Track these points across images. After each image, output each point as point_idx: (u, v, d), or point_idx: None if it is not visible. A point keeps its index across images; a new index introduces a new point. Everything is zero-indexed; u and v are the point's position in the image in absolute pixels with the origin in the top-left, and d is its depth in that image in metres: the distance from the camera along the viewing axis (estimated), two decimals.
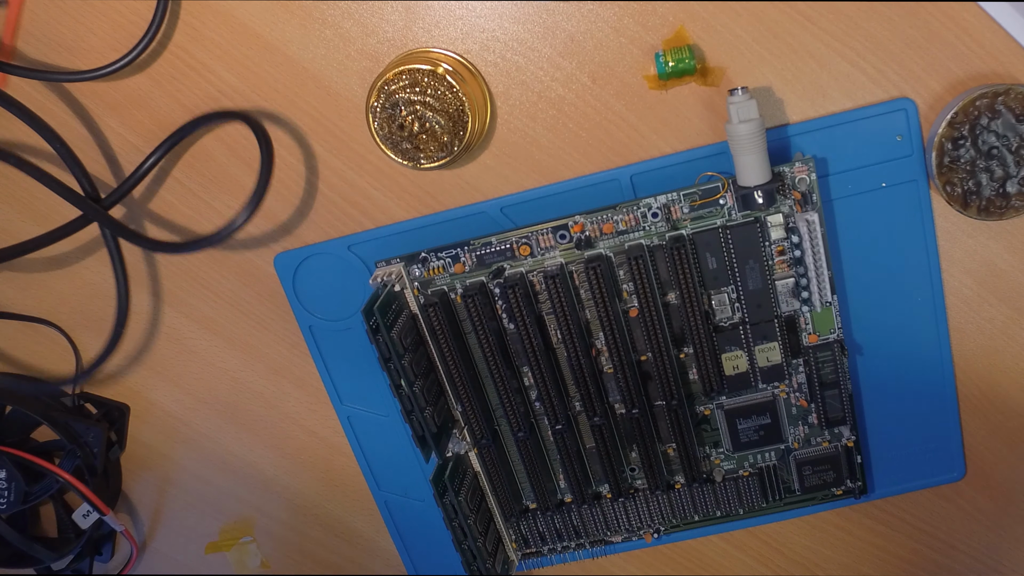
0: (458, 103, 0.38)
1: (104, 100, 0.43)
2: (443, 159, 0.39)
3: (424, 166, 0.39)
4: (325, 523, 0.52)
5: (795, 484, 0.45)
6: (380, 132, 0.39)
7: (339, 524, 0.52)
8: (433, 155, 0.39)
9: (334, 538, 0.52)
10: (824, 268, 0.40)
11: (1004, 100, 0.37)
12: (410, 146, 0.38)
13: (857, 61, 0.39)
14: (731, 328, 0.41)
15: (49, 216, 0.45)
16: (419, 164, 0.39)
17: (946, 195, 0.39)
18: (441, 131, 0.38)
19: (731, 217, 0.40)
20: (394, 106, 0.38)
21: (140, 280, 0.46)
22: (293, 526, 0.52)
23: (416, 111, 0.38)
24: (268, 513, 0.52)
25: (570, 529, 0.47)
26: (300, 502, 0.51)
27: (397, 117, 0.38)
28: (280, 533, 0.52)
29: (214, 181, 0.44)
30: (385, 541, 0.51)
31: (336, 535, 0.52)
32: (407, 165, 0.39)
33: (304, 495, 0.51)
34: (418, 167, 0.39)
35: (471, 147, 0.40)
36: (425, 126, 0.38)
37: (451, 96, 0.38)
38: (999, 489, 0.47)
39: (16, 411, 0.47)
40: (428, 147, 0.38)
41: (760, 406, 0.43)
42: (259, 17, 0.40)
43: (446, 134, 0.38)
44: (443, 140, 0.38)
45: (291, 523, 0.52)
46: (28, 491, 0.47)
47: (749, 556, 0.50)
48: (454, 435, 0.45)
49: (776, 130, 0.40)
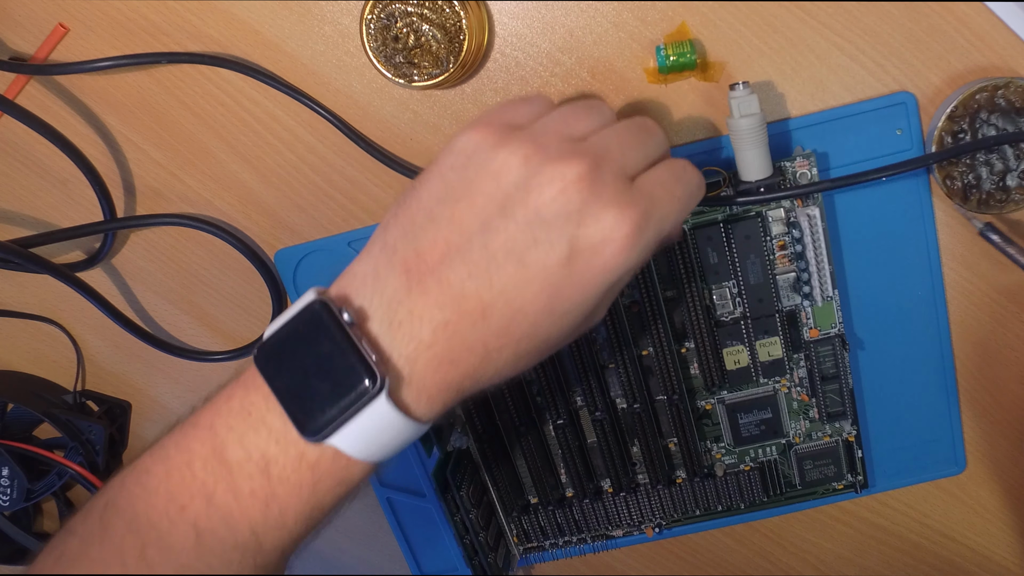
0: (455, 18, 0.37)
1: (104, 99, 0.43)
2: (438, 76, 0.38)
3: (417, 84, 0.38)
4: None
5: (796, 478, 0.45)
6: (373, 44, 0.38)
7: (341, 520, 0.52)
8: (428, 71, 0.38)
9: (336, 534, 0.52)
10: (825, 262, 0.40)
11: (1004, 93, 0.37)
12: (403, 60, 0.38)
13: (857, 55, 0.39)
14: (732, 323, 0.42)
15: (49, 215, 0.46)
16: (412, 81, 0.38)
17: (946, 189, 0.39)
18: (437, 45, 0.37)
19: (732, 211, 0.40)
20: (389, 16, 0.37)
21: (142, 277, 0.47)
22: None
23: (412, 23, 0.37)
24: None
25: (572, 523, 0.47)
26: None
27: (392, 28, 0.37)
28: None
29: (214, 179, 0.44)
30: (387, 536, 0.51)
31: (338, 531, 0.52)
32: (401, 83, 0.38)
33: None
34: (411, 85, 0.38)
35: (467, 66, 0.39)
36: (420, 40, 0.37)
37: (448, 10, 0.37)
38: (999, 482, 0.47)
39: (18, 409, 0.47)
40: (423, 62, 0.37)
41: (761, 401, 0.43)
42: (258, 14, 0.40)
43: (442, 48, 0.37)
44: (439, 55, 0.37)
45: None
46: (31, 488, 0.47)
47: (750, 550, 0.50)
48: (456, 430, 0.45)
49: (777, 124, 0.40)
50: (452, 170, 0.28)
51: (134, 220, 0.45)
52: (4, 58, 0.42)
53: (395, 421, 0.27)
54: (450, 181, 0.28)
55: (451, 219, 0.27)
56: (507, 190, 0.27)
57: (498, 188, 0.27)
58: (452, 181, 0.28)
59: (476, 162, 0.28)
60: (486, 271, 0.27)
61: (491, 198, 0.27)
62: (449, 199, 0.28)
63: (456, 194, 0.28)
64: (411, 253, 0.27)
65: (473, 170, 0.28)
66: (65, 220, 0.46)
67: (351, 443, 0.27)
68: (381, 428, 0.27)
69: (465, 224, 0.27)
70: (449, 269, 0.27)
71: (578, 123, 0.30)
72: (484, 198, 0.27)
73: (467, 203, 0.27)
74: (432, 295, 0.27)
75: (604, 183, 0.27)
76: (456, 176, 0.28)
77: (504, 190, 0.27)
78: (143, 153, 0.44)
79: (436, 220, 0.28)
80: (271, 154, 0.43)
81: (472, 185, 0.28)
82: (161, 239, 0.46)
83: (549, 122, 0.30)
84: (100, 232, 0.44)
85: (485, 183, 0.27)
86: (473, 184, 0.28)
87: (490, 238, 0.27)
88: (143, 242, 0.46)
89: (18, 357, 0.50)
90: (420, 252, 0.27)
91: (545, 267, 0.27)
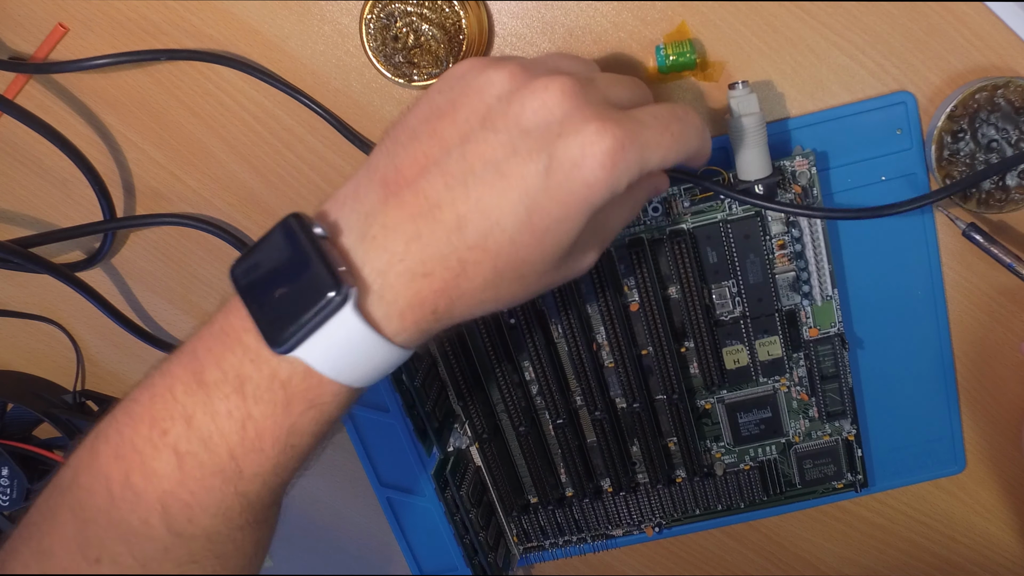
0: (455, 18, 0.37)
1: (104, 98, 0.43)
2: (438, 76, 0.38)
3: (417, 83, 0.38)
4: (327, 519, 0.52)
5: (796, 478, 0.45)
6: (373, 44, 0.38)
7: (341, 520, 0.52)
8: (427, 71, 0.38)
9: (336, 534, 0.52)
10: (824, 262, 0.40)
11: (1003, 93, 0.37)
12: (403, 60, 0.38)
13: (856, 55, 0.39)
14: (732, 322, 0.42)
15: (49, 215, 0.46)
16: (412, 81, 0.38)
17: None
18: (436, 44, 0.37)
19: (732, 211, 0.40)
20: (389, 16, 0.37)
21: (142, 277, 0.47)
22: (295, 522, 0.52)
23: (411, 23, 0.37)
24: None
25: (571, 523, 0.47)
26: (302, 498, 0.51)
27: (392, 28, 0.37)
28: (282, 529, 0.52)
29: (214, 179, 0.44)
30: (387, 536, 0.51)
31: (338, 531, 0.52)
32: (401, 83, 0.38)
33: (306, 491, 0.51)
34: (411, 84, 0.38)
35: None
36: (420, 39, 0.37)
37: (448, 10, 0.37)
38: (999, 482, 0.47)
39: (18, 409, 0.47)
40: (422, 62, 0.37)
41: (761, 400, 0.43)
42: (257, 14, 0.40)
43: (441, 47, 0.37)
44: (438, 54, 0.37)
45: (293, 519, 0.52)
46: (31, 488, 0.47)
47: (750, 549, 0.50)
48: (456, 430, 0.45)
49: (776, 124, 0.40)
50: (439, 93, 0.28)
51: (134, 220, 0.45)
52: (4, 58, 0.42)
53: (364, 336, 0.26)
54: (436, 102, 0.28)
55: (432, 134, 0.27)
56: (490, 103, 0.27)
57: (481, 102, 0.27)
58: (438, 102, 0.28)
59: (463, 82, 0.28)
60: (463, 182, 0.26)
61: (474, 111, 0.27)
62: (432, 117, 0.28)
63: (440, 112, 0.28)
64: (391, 169, 0.27)
65: (459, 89, 0.28)
66: (65, 220, 0.46)
67: (318, 357, 0.27)
68: (349, 342, 0.27)
69: (446, 137, 0.27)
70: (426, 181, 0.27)
71: (569, 63, 0.30)
72: (467, 111, 0.27)
73: (450, 118, 0.27)
74: (407, 207, 0.27)
75: (589, 100, 0.27)
76: (443, 98, 0.28)
77: (487, 103, 0.27)
78: (143, 153, 0.44)
79: (418, 137, 0.27)
80: (271, 154, 0.43)
81: (456, 102, 0.27)
82: (161, 239, 0.46)
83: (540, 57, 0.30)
84: (100, 232, 0.44)
85: (469, 98, 0.27)
86: (457, 101, 0.27)
87: (469, 149, 0.26)
88: (143, 242, 0.46)
89: (18, 357, 0.50)
90: (399, 167, 0.27)
91: (523, 177, 0.26)
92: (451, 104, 0.28)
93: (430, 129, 0.27)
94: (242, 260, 0.28)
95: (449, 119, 0.27)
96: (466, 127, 0.27)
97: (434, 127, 0.27)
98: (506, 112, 0.27)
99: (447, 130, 0.27)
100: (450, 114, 0.27)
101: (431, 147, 0.27)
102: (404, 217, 0.27)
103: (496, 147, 0.26)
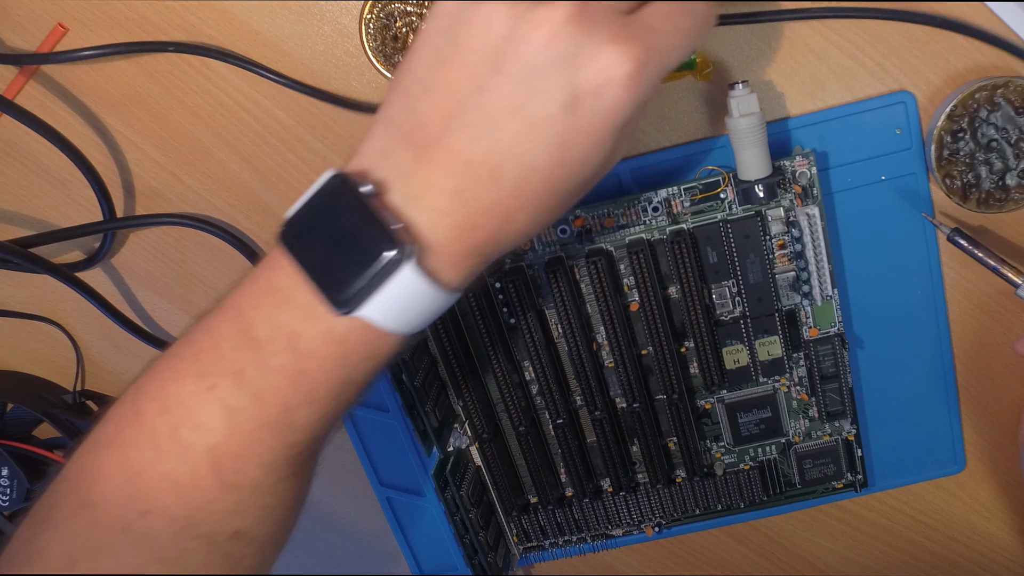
0: None
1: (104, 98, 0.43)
2: None
3: None
4: (327, 519, 0.52)
5: (796, 477, 0.45)
6: (373, 44, 0.38)
7: (341, 519, 0.52)
8: None
9: (336, 534, 0.52)
10: (825, 262, 0.40)
11: (1003, 93, 0.37)
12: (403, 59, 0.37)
13: (856, 54, 0.39)
14: (732, 322, 0.42)
15: (49, 215, 0.46)
16: None
17: (945, 188, 0.39)
18: None
19: (732, 211, 0.40)
20: (388, 16, 0.37)
21: (142, 277, 0.47)
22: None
23: (411, 22, 0.37)
24: None
25: (571, 523, 0.47)
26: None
27: (391, 28, 0.37)
28: None
29: (214, 179, 0.44)
30: (387, 536, 0.51)
31: (338, 531, 0.52)
32: None
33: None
34: None
35: None
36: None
37: None
38: (999, 482, 0.47)
39: (18, 409, 0.47)
40: None
41: (761, 400, 0.43)
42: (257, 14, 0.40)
43: None
44: None
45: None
46: (31, 488, 0.47)
47: (750, 549, 0.50)
48: (455, 429, 0.45)
49: (776, 124, 0.40)
50: (438, 33, 0.27)
51: (134, 220, 0.45)
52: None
53: (423, 288, 0.27)
54: (437, 45, 0.27)
55: (444, 85, 0.27)
56: (495, 44, 0.26)
57: (486, 44, 0.26)
58: (439, 45, 0.27)
59: (460, 20, 0.27)
60: (488, 132, 0.26)
61: (481, 55, 0.26)
62: (439, 64, 0.27)
63: (445, 58, 0.27)
64: (413, 125, 0.27)
65: (458, 29, 0.27)
66: (64, 220, 0.46)
67: (381, 313, 0.27)
68: (410, 296, 0.27)
69: (459, 88, 0.26)
70: (451, 136, 0.26)
71: None
72: (474, 56, 0.26)
73: (458, 65, 0.27)
74: (440, 164, 0.27)
75: (596, 20, 0.26)
76: (443, 39, 0.27)
77: (492, 44, 0.26)
78: (143, 153, 0.44)
79: (430, 88, 0.27)
80: (271, 154, 0.43)
81: (459, 46, 0.27)
82: (161, 239, 0.46)
83: None
84: (99, 232, 0.44)
85: (472, 41, 0.26)
86: (460, 44, 0.27)
87: (486, 98, 0.26)
88: (143, 242, 0.46)
89: (18, 357, 0.50)
90: (420, 123, 0.27)
91: (548, 119, 0.26)
92: (453, 47, 0.27)
93: (440, 80, 0.27)
94: (291, 222, 0.28)
95: (457, 66, 0.27)
96: (477, 74, 0.26)
97: (444, 77, 0.27)
98: (515, 52, 0.26)
99: (458, 79, 0.26)
100: (457, 60, 0.27)
101: (446, 100, 0.27)
102: (441, 174, 0.27)
103: (513, 92, 0.26)
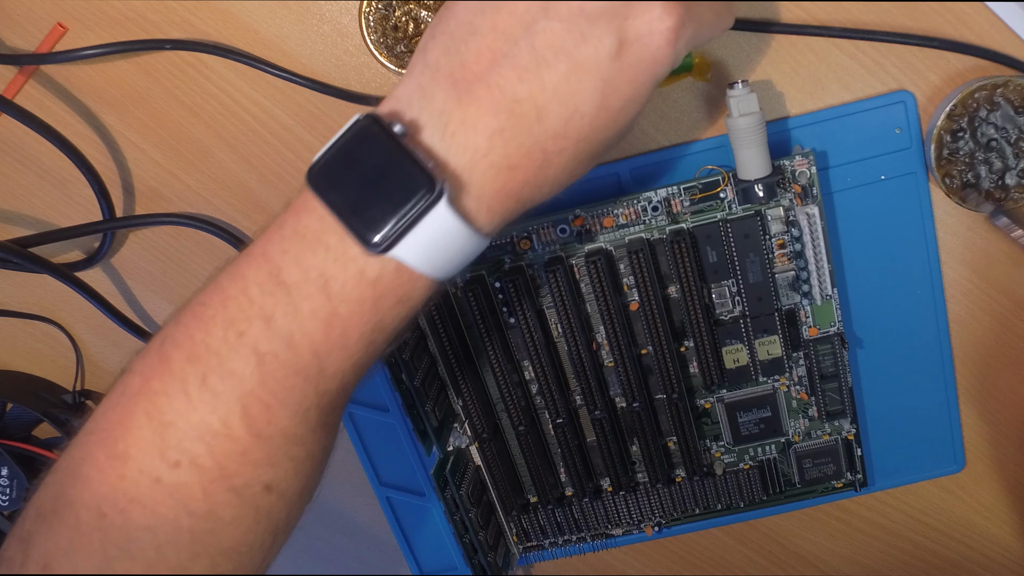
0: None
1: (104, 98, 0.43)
2: None
3: None
4: (327, 518, 0.52)
5: (795, 477, 0.45)
6: (373, 36, 0.37)
7: (341, 519, 0.52)
8: None
9: (336, 533, 0.52)
10: (824, 261, 0.40)
11: (1003, 92, 0.37)
12: (404, 49, 0.37)
13: (856, 54, 0.39)
14: (731, 321, 0.42)
15: (48, 215, 0.46)
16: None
17: (945, 187, 0.39)
18: None
19: (731, 210, 0.40)
20: (387, 6, 0.37)
21: (142, 277, 0.47)
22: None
23: (410, 11, 0.37)
24: None
25: (571, 522, 0.47)
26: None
27: (391, 18, 0.37)
28: None
29: (214, 178, 0.44)
30: (387, 536, 0.51)
31: (338, 530, 0.52)
32: (402, 73, 0.38)
33: None
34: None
35: None
36: (420, 27, 0.37)
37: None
38: (999, 481, 0.47)
39: (17, 409, 0.47)
40: None
41: (760, 399, 0.43)
42: (256, 13, 0.40)
43: None
44: None
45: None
46: (31, 488, 0.47)
47: (750, 548, 0.50)
48: (455, 429, 0.45)
49: (776, 123, 0.40)
50: None
51: (133, 220, 0.45)
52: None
53: (457, 229, 0.27)
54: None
55: (493, 27, 0.27)
56: None
57: None
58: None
59: None
60: (536, 72, 0.26)
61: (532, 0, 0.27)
62: (488, 9, 0.27)
63: (495, 4, 0.27)
64: (456, 65, 0.27)
65: None
66: (64, 220, 0.46)
67: (413, 254, 0.27)
68: (443, 237, 0.27)
69: (509, 29, 0.27)
70: (498, 75, 0.26)
71: None
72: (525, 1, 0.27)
73: (508, 10, 0.27)
74: (483, 102, 0.26)
75: None
76: None
77: None
78: (142, 152, 0.44)
79: (477, 31, 0.27)
80: (271, 153, 0.43)
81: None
82: (161, 239, 0.46)
83: None
84: (99, 232, 0.44)
85: None
86: None
87: (536, 39, 0.26)
88: (142, 242, 0.46)
89: (17, 357, 0.50)
90: (465, 63, 0.27)
91: (596, 62, 0.26)
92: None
93: (490, 23, 0.27)
94: (319, 163, 0.27)
95: (507, 11, 0.27)
96: (528, 17, 0.27)
97: (493, 20, 0.27)
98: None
99: (508, 22, 0.27)
100: (507, 5, 0.27)
101: (495, 40, 0.27)
102: (482, 112, 0.26)
103: (564, 35, 0.26)
